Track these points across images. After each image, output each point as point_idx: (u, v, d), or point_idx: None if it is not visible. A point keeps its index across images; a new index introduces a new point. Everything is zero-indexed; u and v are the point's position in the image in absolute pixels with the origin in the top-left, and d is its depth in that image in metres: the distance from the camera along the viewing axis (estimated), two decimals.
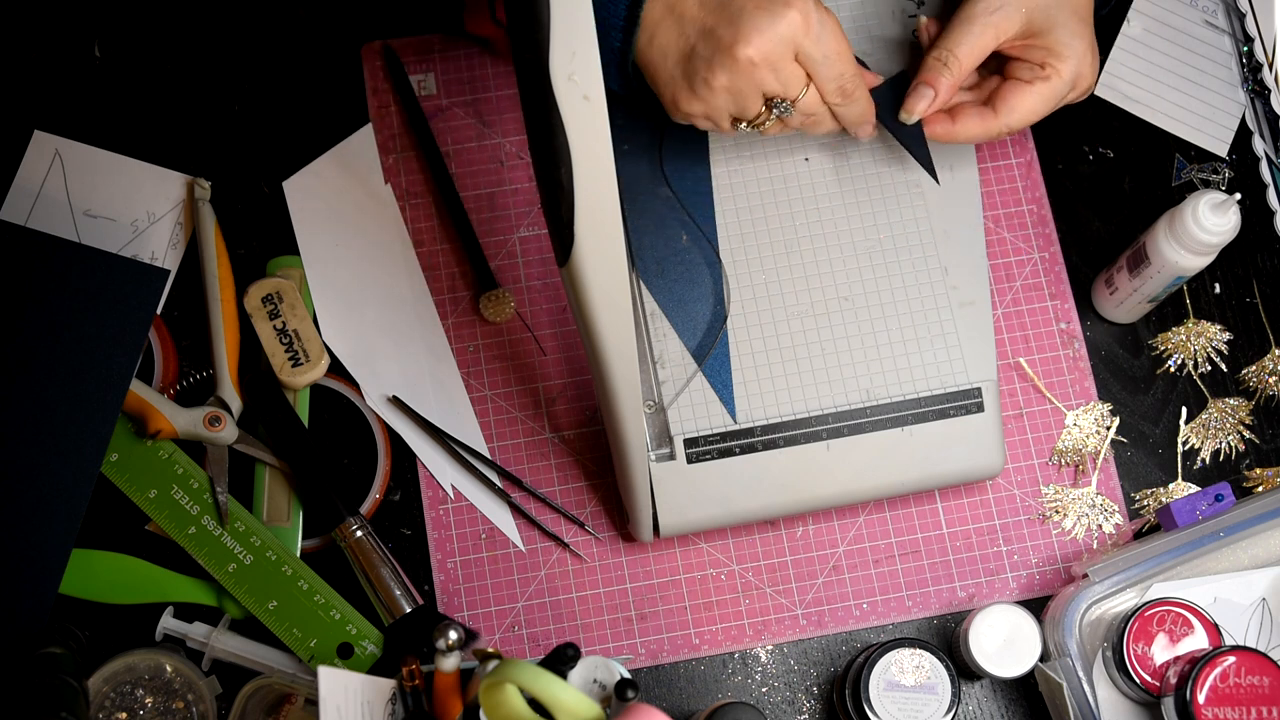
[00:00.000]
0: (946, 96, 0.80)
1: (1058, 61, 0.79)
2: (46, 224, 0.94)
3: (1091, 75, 0.81)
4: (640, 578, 0.90)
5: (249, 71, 0.99)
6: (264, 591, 0.87)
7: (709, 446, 0.85)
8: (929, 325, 0.88)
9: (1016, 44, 0.80)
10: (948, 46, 0.79)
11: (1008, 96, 0.80)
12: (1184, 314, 0.96)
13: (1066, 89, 0.80)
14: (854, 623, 0.90)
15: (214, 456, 0.89)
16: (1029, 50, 0.80)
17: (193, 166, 0.96)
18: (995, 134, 0.81)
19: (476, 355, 0.94)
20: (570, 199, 0.63)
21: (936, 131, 0.81)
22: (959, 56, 0.79)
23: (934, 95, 0.79)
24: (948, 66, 0.79)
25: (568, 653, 0.74)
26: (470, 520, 0.91)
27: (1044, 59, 0.79)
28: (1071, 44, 0.79)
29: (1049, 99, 0.80)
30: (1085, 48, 0.80)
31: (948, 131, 0.81)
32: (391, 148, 0.97)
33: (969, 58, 0.79)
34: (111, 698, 0.84)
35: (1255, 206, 0.97)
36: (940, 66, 0.79)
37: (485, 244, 0.95)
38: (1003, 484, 0.92)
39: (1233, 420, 0.93)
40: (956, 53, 0.79)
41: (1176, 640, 0.81)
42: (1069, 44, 0.79)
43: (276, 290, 0.92)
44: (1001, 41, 0.79)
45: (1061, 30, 0.79)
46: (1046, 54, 0.79)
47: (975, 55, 0.79)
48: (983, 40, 0.79)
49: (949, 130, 0.81)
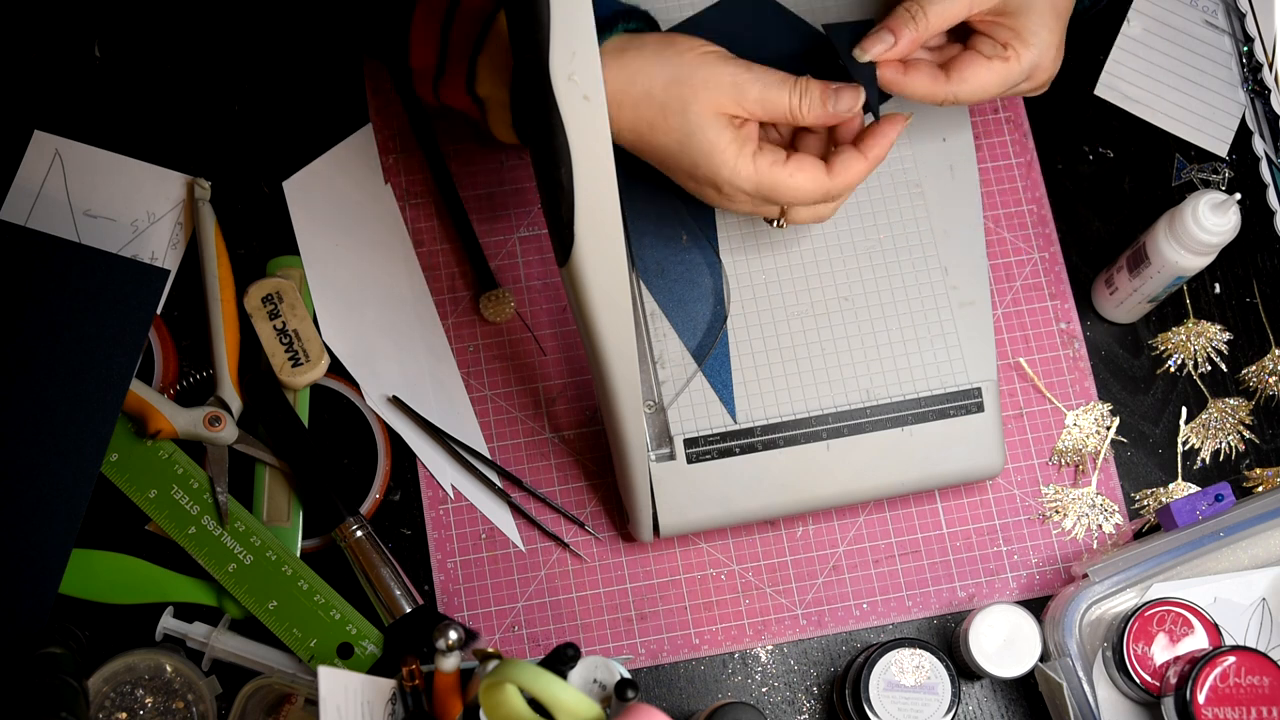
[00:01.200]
0: (905, 48, 0.79)
1: (1021, 46, 0.79)
2: (46, 224, 0.94)
3: (1051, 69, 0.81)
4: (640, 578, 0.90)
5: (249, 71, 0.99)
6: (264, 591, 0.87)
7: (709, 446, 0.85)
8: (929, 325, 0.88)
9: (987, 19, 0.80)
10: (920, 2, 0.79)
11: (963, 67, 0.80)
12: (1184, 314, 0.96)
13: (1021, 76, 0.80)
14: (854, 623, 0.90)
15: (214, 456, 0.89)
16: (996, 28, 0.80)
17: (193, 166, 0.96)
18: (941, 98, 0.80)
19: (476, 355, 0.94)
20: (570, 199, 0.63)
21: (885, 77, 0.80)
22: (928, 14, 0.78)
23: (893, 42, 0.79)
24: (914, 20, 0.78)
25: (568, 653, 0.74)
26: (470, 520, 0.91)
27: (1008, 40, 0.79)
28: (1039, 33, 0.79)
29: (1002, 80, 0.80)
30: (1052, 41, 0.80)
31: (896, 81, 0.80)
32: (391, 148, 0.97)
33: (938, 18, 0.79)
34: (111, 698, 0.84)
35: (1255, 206, 0.97)
36: (907, 18, 0.79)
37: (485, 244, 0.95)
38: (1003, 484, 0.92)
39: (1233, 420, 0.93)
40: (927, 9, 0.78)
41: (1176, 640, 0.81)
42: (1036, 32, 0.79)
43: (276, 290, 0.92)
44: (974, 12, 0.79)
45: (1034, 17, 0.79)
46: (1012, 35, 0.79)
47: (945, 18, 0.79)
48: (956, 5, 0.79)
49: (898, 80, 0.80)
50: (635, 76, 0.76)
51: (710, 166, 0.77)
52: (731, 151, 0.76)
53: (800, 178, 0.77)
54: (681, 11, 0.91)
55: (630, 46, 0.77)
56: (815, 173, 0.77)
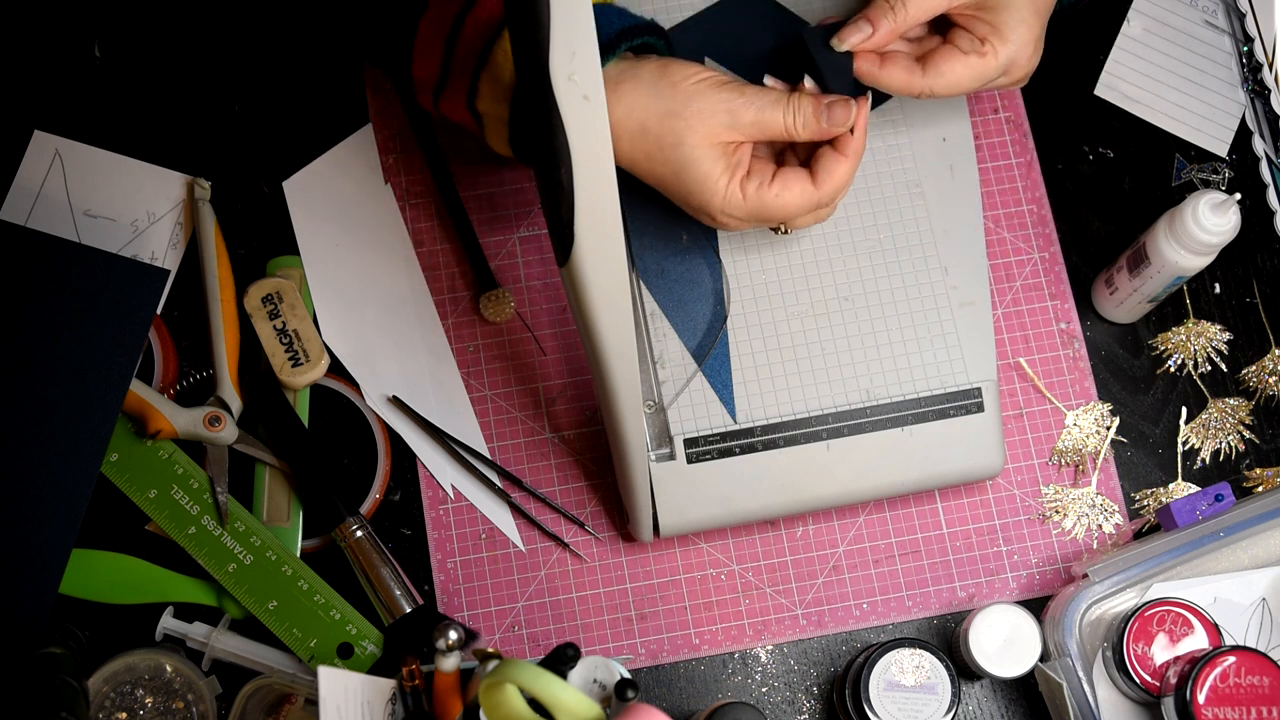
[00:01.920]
0: (882, 40, 0.79)
1: (998, 41, 0.79)
2: (46, 224, 0.94)
3: (1028, 65, 0.81)
4: (640, 578, 0.90)
5: (249, 71, 0.99)
6: (264, 591, 0.87)
7: (709, 446, 0.85)
8: (929, 325, 0.88)
9: (966, 13, 0.80)
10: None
11: (940, 61, 0.80)
12: (1184, 314, 0.96)
13: (998, 72, 0.80)
14: (854, 623, 0.90)
15: (214, 456, 0.89)
16: (975, 23, 0.80)
17: (193, 166, 0.96)
18: (916, 91, 0.80)
19: (476, 355, 0.94)
20: (570, 199, 0.63)
21: (861, 68, 0.80)
22: (907, 6, 0.79)
23: (871, 32, 0.79)
24: (893, 10, 0.79)
25: (568, 653, 0.74)
26: (470, 520, 0.91)
27: (986, 35, 0.80)
28: (1017, 29, 0.79)
29: (979, 76, 0.80)
30: (1030, 38, 0.80)
31: (871, 72, 0.80)
32: (391, 148, 0.97)
33: (917, 9, 0.79)
34: (111, 698, 0.84)
35: (1255, 206, 0.97)
36: (887, 9, 0.79)
37: (485, 244, 0.95)
38: (1003, 484, 0.92)
39: (1233, 420, 0.93)
40: (906, 1, 0.79)
41: (1176, 640, 0.81)
42: (1014, 28, 0.79)
43: (276, 290, 0.92)
44: (954, 5, 0.79)
45: (1013, 14, 0.79)
46: (990, 30, 0.79)
47: (924, 11, 0.79)
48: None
49: (873, 72, 0.80)
50: (631, 110, 0.77)
51: (703, 197, 0.78)
52: (724, 182, 0.77)
53: (787, 196, 0.78)
54: (682, 11, 0.91)
55: (625, 78, 0.77)
56: (803, 186, 0.78)
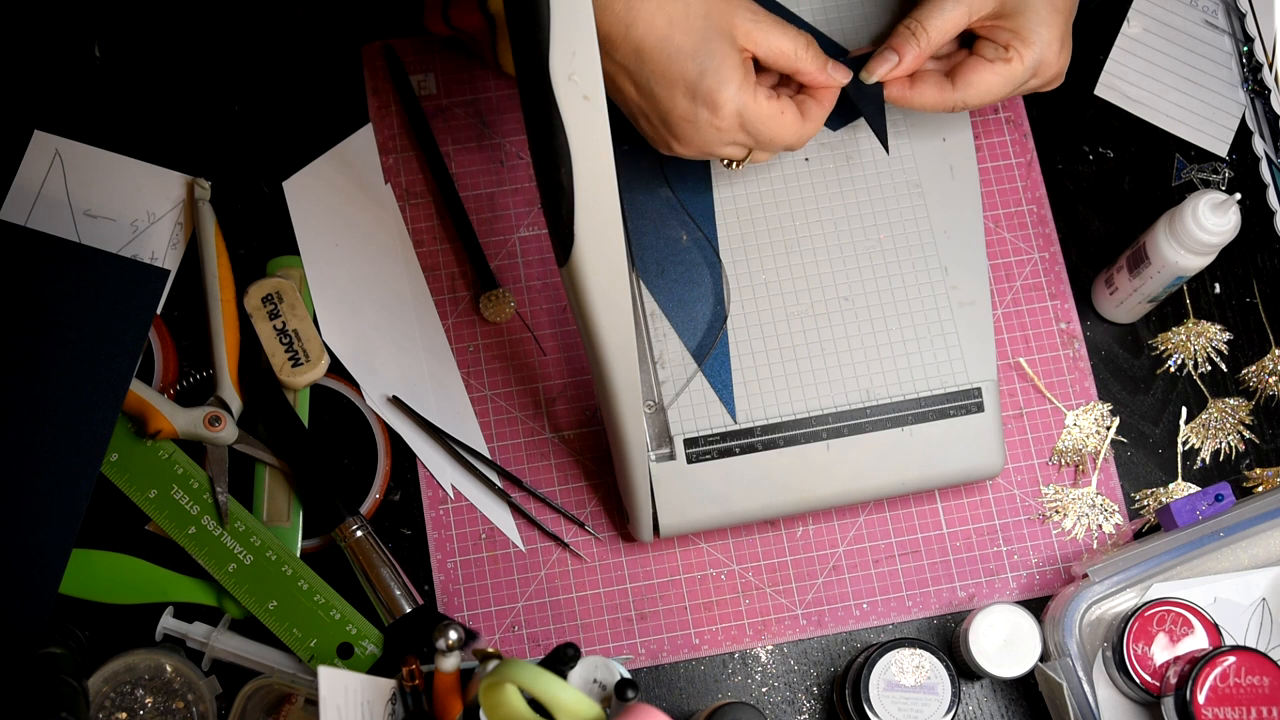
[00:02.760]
0: (911, 65, 0.80)
1: (1022, 46, 0.80)
2: (46, 224, 0.94)
3: (1057, 65, 0.81)
4: (640, 578, 0.90)
5: (249, 71, 0.99)
6: (264, 591, 0.87)
7: (709, 446, 0.85)
8: (929, 325, 0.88)
9: (987, 23, 0.81)
10: (919, 18, 0.80)
11: (968, 73, 0.81)
12: (1184, 314, 0.96)
13: (1027, 75, 0.81)
14: (854, 623, 0.90)
15: (214, 456, 0.89)
16: (997, 31, 0.80)
17: (193, 166, 0.96)
18: (950, 106, 0.81)
19: (476, 355, 0.94)
20: (570, 199, 0.63)
21: (893, 94, 0.81)
22: (928, 29, 0.80)
23: (898, 61, 0.80)
24: (916, 37, 0.80)
25: (568, 653, 0.74)
26: (470, 520, 0.91)
27: (1009, 41, 0.80)
28: (1039, 31, 0.79)
29: (1008, 82, 0.81)
30: (1054, 37, 0.80)
31: (903, 95, 0.81)
32: (391, 148, 0.97)
33: (938, 32, 0.80)
34: (111, 698, 0.84)
35: (1255, 206, 0.97)
36: (909, 35, 0.80)
37: (485, 244, 0.95)
38: (1003, 484, 0.92)
39: (1233, 420, 0.93)
40: (926, 25, 0.80)
41: (1176, 640, 0.81)
42: (1036, 30, 0.79)
43: (276, 290, 0.92)
44: (974, 20, 0.80)
45: (1032, 16, 0.79)
46: (1012, 37, 0.80)
47: (946, 30, 0.80)
48: (954, 16, 0.80)
49: (905, 94, 0.81)
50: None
51: (719, 78, 0.76)
52: (739, 74, 0.76)
53: (787, 118, 0.78)
54: None
55: None
56: (795, 116, 0.79)
